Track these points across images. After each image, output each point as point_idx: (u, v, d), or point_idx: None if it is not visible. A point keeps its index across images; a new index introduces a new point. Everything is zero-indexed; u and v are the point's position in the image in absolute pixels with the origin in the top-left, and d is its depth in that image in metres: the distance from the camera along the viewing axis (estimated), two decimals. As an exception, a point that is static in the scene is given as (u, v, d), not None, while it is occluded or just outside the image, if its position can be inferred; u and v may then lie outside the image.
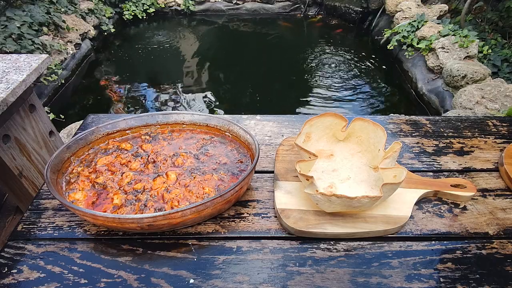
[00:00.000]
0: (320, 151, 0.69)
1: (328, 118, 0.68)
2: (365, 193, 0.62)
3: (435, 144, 0.78)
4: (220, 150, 0.71)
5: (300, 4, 4.97)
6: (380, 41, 3.82)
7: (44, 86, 2.83)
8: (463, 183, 0.64)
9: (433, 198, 0.64)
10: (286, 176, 0.66)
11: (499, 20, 3.19)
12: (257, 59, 3.93)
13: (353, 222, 0.57)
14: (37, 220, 0.60)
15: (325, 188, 0.63)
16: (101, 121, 0.84)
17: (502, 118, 0.86)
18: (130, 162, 0.68)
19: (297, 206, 0.60)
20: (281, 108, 3.04)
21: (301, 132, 0.66)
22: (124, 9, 4.57)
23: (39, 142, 1.22)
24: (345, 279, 0.51)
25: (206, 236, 0.57)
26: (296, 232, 0.57)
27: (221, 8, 4.97)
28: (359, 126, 0.68)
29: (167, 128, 0.76)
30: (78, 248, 0.55)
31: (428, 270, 0.52)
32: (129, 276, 0.51)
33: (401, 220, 0.57)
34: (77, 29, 3.52)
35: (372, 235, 0.57)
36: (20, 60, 1.12)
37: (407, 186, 0.63)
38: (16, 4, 2.91)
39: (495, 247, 0.56)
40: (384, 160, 0.58)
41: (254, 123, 0.85)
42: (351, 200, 0.52)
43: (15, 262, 0.53)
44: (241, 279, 0.51)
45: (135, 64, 3.78)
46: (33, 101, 1.18)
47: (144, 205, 0.59)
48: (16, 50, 2.62)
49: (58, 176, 0.62)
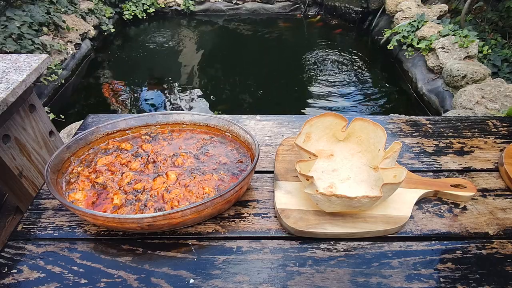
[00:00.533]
0: (320, 151, 0.69)
1: (328, 118, 0.68)
2: (365, 193, 0.62)
3: (435, 144, 0.78)
4: (220, 150, 0.71)
5: (300, 4, 4.97)
6: (380, 41, 3.82)
7: (44, 86, 2.83)
8: (463, 183, 0.64)
9: (433, 198, 0.64)
10: (286, 176, 0.66)
11: (499, 20, 3.19)
12: (257, 59, 3.93)
13: (353, 222, 0.57)
14: (37, 220, 0.60)
15: (325, 188, 0.63)
16: (101, 121, 0.84)
17: (502, 118, 0.86)
18: (130, 162, 0.68)
19: (297, 206, 0.60)
20: (281, 108, 3.04)
21: (301, 132, 0.66)
22: (124, 9, 4.57)
23: (39, 142, 1.22)
24: (345, 279, 0.51)
25: (206, 236, 0.57)
26: (296, 232, 0.57)
27: (221, 8, 4.98)
28: (359, 126, 0.68)
29: (167, 128, 0.76)
30: (78, 248, 0.55)
31: (428, 270, 0.52)
32: (129, 276, 0.51)
33: (401, 220, 0.57)
34: (77, 29, 3.52)
35: (372, 235, 0.57)
36: (20, 60, 1.12)
37: (407, 186, 0.63)
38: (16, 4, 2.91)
39: (495, 247, 0.56)
40: (384, 160, 0.59)
41: (254, 123, 0.85)
42: (351, 200, 0.52)
43: (15, 262, 0.53)
44: (241, 279, 0.51)
45: (135, 64, 3.78)
46: (33, 101, 1.18)
47: (144, 205, 0.59)
48: (16, 50, 2.63)
49: (58, 176, 0.62)
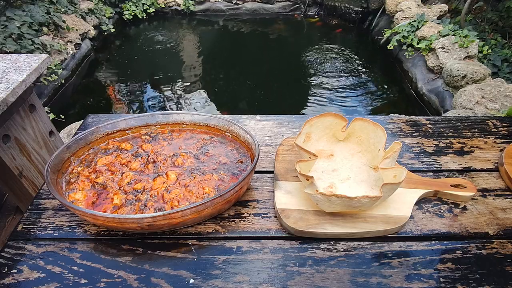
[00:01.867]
0: (320, 151, 0.69)
1: (328, 118, 0.68)
2: (365, 193, 0.62)
3: (435, 144, 0.78)
4: (220, 150, 0.71)
5: (300, 4, 4.97)
6: (380, 41, 3.82)
7: (44, 86, 2.83)
8: (463, 183, 0.64)
9: (433, 198, 0.64)
10: (286, 176, 0.66)
11: (499, 20, 3.19)
12: (257, 59, 3.93)
13: (353, 222, 0.57)
14: (37, 220, 0.60)
15: (325, 188, 0.63)
16: (101, 121, 0.84)
17: (502, 118, 0.86)
18: (130, 162, 0.68)
19: (297, 206, 0.60)
20: (281, 108, 3.04)
21: (301, 132, 0.66)
22: (124, 9, 4.57)
23: (39, 142, 1.22)
24: (345, 279, 0.51)
25: (206, 236, 0.57)
26: (296, 232, 0.57)
27: (221, 8, 4.97)
28: (359, 126, 0.68)
29: (167, 128, 0.76)
30: (78, 248, 0.55)
31: (428, 270, 0.52)
32: (129, 276, 0.51)
33: (401, 220, 0.57)
34: (77, 29, 3.52)
35: (372, 235, 0.57)
36: (20, 60, 1.12)
37: (407, 186, 0.63)
38: (16, 4, 2.91)
39: (495, 247, 0.56)
40: (384, 160, 0.58)
41: (254, 123, 0.85)
42: (351, 200, 0.52)
43: (15, 262, 0.53)
44: (241, 279, 0.51)
45: (135, 64, 3.78)
46: (33, 101, 1.18)
47: (144, 205, 0.59)
48: (16, 50, 2.63)
49: (58, 176, 0.62)
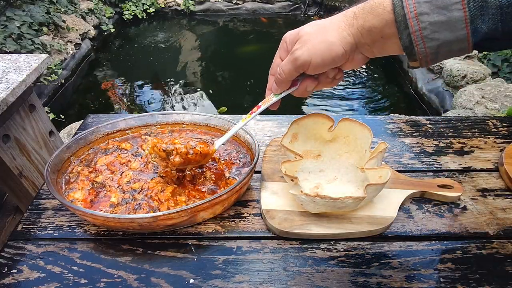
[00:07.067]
0: (307, 152, 0.68)
1: (315, 118, 0.67)
2: (351, 193, 0.61)
3: (435, 144, 0.78)
4: (220, 150, 0.71)
5: (300, 4, 4.97)
6: (380, 41, 3.81)
7: (44, 86, 2.83)
8: (450, 183, 0.63)
9: (422, 199, 0.64)
10: (273, 177, 0.66)
11: (499, 20, 3.19)
12: (257, 59, 3.93)
13: (338, 222, 0.57)
14: (37, 220, 0.60)
15: (311, 189, 0.62)
16: (101, 121, 0.84)
17: (502, 118, 0.86)
18: (130, 161, 0.68)
19: (283, 207, 0.59)
20: (281, 108, 3.04)
21: (287, 132, 0.65)
22: (124, 9, 4.57)
23: (39, 142, 1.22)
24: (345, 279, 0.51)
25: (206, 236, 0.57)
26: (280, 233, 0.56)
27: (221, 8, 4.98)
28: (346, 126, 0.66)
29: (167, 128, 0.76)
30: (78, 248, 0.55)
31: (428, 270, 0.52)
32: (129, 276, 0.51)
33: (386, 221, 0.57)
34: (77, 29, 3.52)
35: (357, 235, 0.56)
36: (20, 60, 1.12)
37: (394, 186, 0.62)
38: (16, 4, 2.91)
39: (495, 247, 0.56)
40: (370, 160, 0.57)
41: (254, 123, 0.84)
42: (335, 200, 0.51)
43: (15, 262, 0.53)
44: (241, 279, 0.51)
45: (135, 64, 3.78)
46: (33, 101, 1.18)
47: (139, 205, 0.58)
48: (16, 50, 2.63)
49: (58, 176, 0.62)
